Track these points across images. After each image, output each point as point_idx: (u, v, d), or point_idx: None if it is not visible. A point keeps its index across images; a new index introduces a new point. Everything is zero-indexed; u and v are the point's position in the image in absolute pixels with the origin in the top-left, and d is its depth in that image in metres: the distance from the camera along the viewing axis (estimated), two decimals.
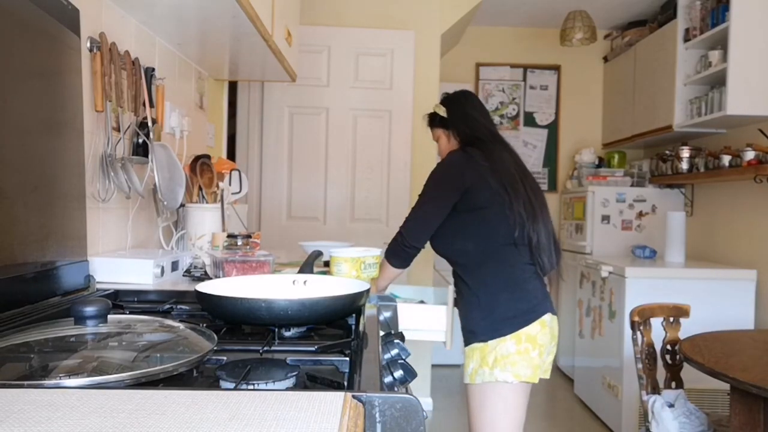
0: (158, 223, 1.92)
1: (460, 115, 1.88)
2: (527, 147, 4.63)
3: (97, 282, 1.41)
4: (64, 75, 1.30)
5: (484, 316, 1.71)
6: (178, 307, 1.22)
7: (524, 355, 1.68)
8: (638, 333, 2.23)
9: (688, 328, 2.28)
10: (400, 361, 0.91)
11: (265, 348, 0.90)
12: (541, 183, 4.55)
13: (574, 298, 3.99)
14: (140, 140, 1.71)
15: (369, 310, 1.20)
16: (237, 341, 0.96)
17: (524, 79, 4.62)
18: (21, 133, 1.12)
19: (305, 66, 3.43)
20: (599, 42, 4.37)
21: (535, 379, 1.71)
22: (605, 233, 3.93)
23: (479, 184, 1.72)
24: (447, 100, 1.94)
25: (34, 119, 1.17)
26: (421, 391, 3.49)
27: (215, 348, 0.81)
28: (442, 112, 1.90)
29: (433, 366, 3.68)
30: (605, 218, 3.94)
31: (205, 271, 1.62)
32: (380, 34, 3.50)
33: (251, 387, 0.72)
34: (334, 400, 0.61)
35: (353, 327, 1.08)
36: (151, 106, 1.75)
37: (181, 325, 0.93)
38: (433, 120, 1.95)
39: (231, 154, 3.51)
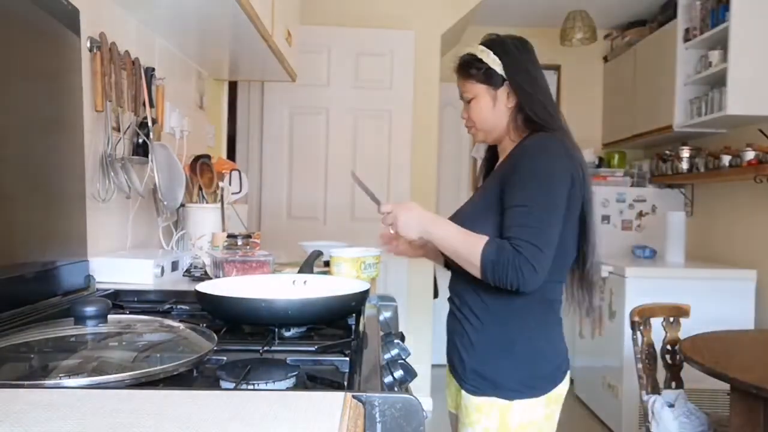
0: (158, 223, 1.92)
1: (523, 75, 1.30)
2: None
3: (97, 282, 1.41)
4: (64, 75, 1.30)
5: (518, 367, 1.26)
6: (178, 307, 1.22)
7: (550, 420, 1.29)
8: (638, 333, 2.23)
9: (688, 328, 2.28)
10: (400, 361, 0.91)
11: (265, 348, 0.90)
12: None
13: None
14: (140, 140, 1.71)
15: (369, 310, 1.20)
16: (237, 341, 0.96)
17: None
18: (21, 133, 1.12)
19: (305, 66, 3.42)
20: (599, 42, 4.36)
21: None
22: (605, 233, 3.92)
23: (578, 193, 1.26)
24: (497, 45, 1.32)
25: (34, 119, 1.17)
26: (422, 391, 3.49)
27: (215, 348, 0.81)
28: (494, 62, 1.30)
29: (433, 366, 3.67)
30: (605, 218, 3.94)
31: (205, 271, 1.62)
32: (380, 34, 3.50)
33: (251, 387, 0.72)
34: (334, 400, 0.61)
35: (353, 327, 1.08)
36: (151, 106, 1.75)
37: (181, 325, 0.93)
38: (470, 68, 1.33)
39: (231, 154, 3.51)
